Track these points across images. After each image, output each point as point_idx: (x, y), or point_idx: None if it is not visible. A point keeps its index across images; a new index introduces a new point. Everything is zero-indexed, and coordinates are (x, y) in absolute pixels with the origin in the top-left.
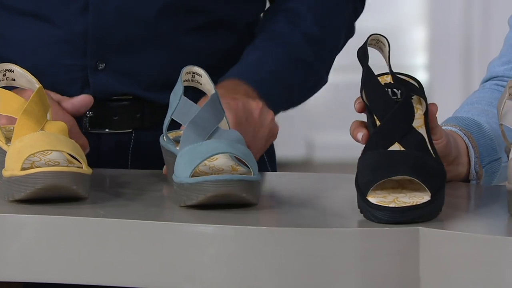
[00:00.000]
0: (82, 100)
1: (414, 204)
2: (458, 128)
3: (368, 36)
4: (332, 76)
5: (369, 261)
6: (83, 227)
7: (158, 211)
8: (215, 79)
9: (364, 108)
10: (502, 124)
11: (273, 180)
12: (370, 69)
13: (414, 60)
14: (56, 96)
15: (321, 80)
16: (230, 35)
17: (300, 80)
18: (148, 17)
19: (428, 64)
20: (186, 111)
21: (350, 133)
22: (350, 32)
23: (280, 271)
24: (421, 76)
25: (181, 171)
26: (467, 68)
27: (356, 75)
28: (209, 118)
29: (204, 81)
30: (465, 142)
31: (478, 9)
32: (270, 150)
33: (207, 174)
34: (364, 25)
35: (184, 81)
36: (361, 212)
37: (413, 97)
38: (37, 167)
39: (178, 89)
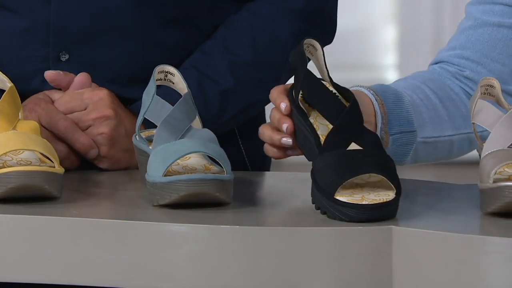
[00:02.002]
0: (81, 82)
1: (385, 201)
2: (370, 91)
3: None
4: None
5: (342, 260)
6: (55, 227)
7: (131, 211)
8: None
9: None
10: (474, 123)
11: (246, 179)
12: (311, 72)
13: (384, 59)
14: (45, 95)
15: (254, 106)
16: (196, 32)
17: (213, 111)
18: (113, 9)
19: (398, 63)
20: (158, 110)
21: (270, 98)
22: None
23: (253, 270)
24: (391, 75)
25: (154, 170)
26: None
27: (330, 73)
28: (182, 117)
29: (177, 80)
30: (372, 104)
31: (448, 8)
32: (254, 150)
33: (180, 173)
34: None
35: (156, 80)
36: (324, 212)
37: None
38: (9, 166)
39: (151, 88)
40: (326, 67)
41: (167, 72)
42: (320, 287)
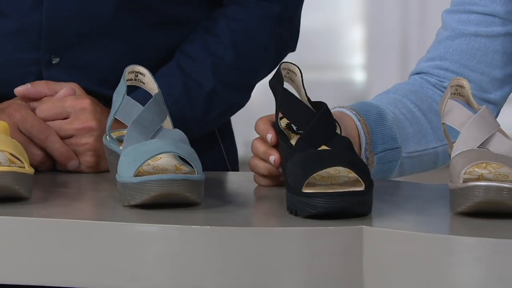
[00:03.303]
0: (65, 95)
1: (351, 190)
2: (353, 112)
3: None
4: (270, 76)
5: (312, 260)
6: (24, 227)
7: (101, 211)
8: None
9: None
10: (444, 124)
11: (217, 179)
12: (287, 90)
13: (351, 59)
14: (28, 103)
15: (234, 107)
16: (183, 32)
17: (197, 114)
18: (103, 13)
19: (366, 63)
20: (129, 110)
21: (256, 129)
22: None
23: (224, 271)
24: (359, 75)
25: (125, 170)
26: (404, 67)
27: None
28: (153, 117)
29: (147, 80)
30: (356, 126)
31: (415, 8)
32: (231, 149)
33: (151, 174)
34: (302, 25)
35: (127, 80)
36: (294, 211)
37: None
38: None
39: (121, 88)
40: (304, 88)
41: (137, 72)
42: (290, 287)
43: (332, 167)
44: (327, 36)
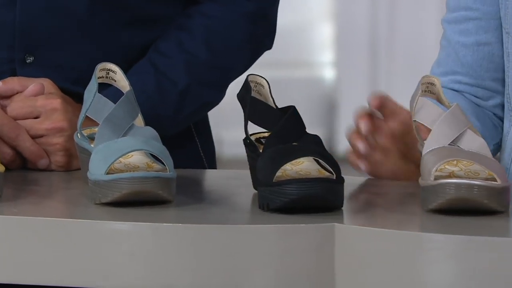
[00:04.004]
0: (35, 91)
1: (323, 177)
2: None
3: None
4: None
5: (284, 258)
6: None
7: (72, 209)
8: None
9: None
10: (415, 121)
11: (189, 177)
12: (255, 98)
13: (321, 57)
14: None
15: (208, 105)
16: (157, 30)
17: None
18: (76, 11)
19: (335, 60)
20: (100, 108)
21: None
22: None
23: (196, 268)
24: (328, 73)
25: (96, 168)
26: (373, 65)
27: (265, 71)
28: (124, 115)
29: (119, 77)
30: None
31: (384, 5)
32: (208, 147)
33: (123, 171)
34: None
35: (98, 78)
36: (266, 205)
37: None
38: None
39: (92, 86)
40: (273, 98)
41: (108, 69)
42: (262, 285)
43: (302, 159)
44: (296, 34)
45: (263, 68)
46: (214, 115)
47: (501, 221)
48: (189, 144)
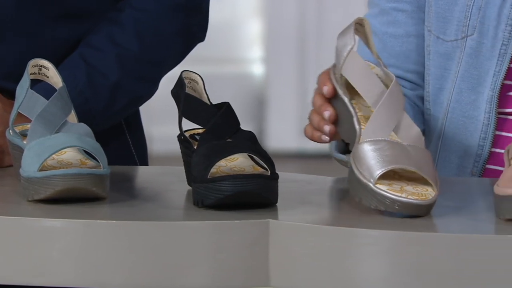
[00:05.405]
0: None
1: (257, 173)
2: None
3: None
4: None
5: (219, 254)
6: None
7: (4, 206)
8: None
9: None
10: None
11: (123, 173)
12: (189, 94)
13: (250, 53)
14: None
15: (140, 98)
16: (87, 25)
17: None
18: (4, 5)
19: (264, 57)
20: (33, 105)
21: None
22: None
23: (130, 265)
24: (257, 69)
25: (29, 165)
26: (302, 60)
27: (194, 67)
28: (57, 111)
29: (51, 73)
30: None
31: (312, 1)
32: (139, 143)
33: (56, 168)
34: None
35: (30, 74)
36: (200, 201)
37: None
38: None
39: (25, 82)
40: (207, 94)
41: (41, 65)
42: (196, 281)
43: (237, 155)
44: (225, 30)
45: (193, 64)
46: (144, 112)
47: (422, 220)
48: (120, 141)
